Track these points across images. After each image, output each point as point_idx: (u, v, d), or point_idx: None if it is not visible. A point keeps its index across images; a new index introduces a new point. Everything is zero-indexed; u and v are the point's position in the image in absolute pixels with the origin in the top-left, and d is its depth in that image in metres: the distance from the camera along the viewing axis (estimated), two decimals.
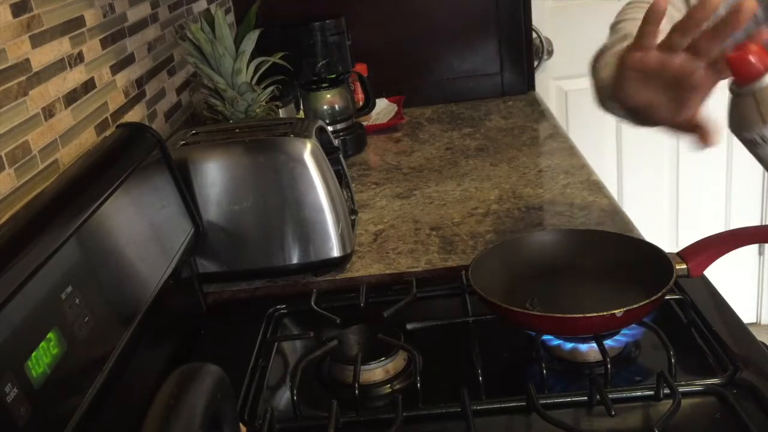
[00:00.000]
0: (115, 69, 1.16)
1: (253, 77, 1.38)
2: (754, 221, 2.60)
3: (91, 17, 1.10)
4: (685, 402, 0.78)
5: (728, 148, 2.50)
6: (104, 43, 1.13)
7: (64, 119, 0.97)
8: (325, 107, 1.69)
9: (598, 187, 1.34)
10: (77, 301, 0.71)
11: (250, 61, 1.37)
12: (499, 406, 0.82)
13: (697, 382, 0.82)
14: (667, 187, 2.56)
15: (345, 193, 1.19)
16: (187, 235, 1.01)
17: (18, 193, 0.84)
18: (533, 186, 1.39)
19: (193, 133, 1.18)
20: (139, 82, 1.27)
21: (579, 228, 1.18)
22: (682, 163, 2.50)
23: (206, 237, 1.09)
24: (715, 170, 2.54)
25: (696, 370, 0.84)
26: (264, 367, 0.94)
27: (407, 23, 2.00)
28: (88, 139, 1.02)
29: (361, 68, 1.87)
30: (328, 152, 1.15)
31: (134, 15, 1.29)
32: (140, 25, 1.31)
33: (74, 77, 1.01)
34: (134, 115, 1.22)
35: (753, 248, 2.60)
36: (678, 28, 0.57)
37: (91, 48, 1.09)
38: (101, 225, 0.81)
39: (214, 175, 1.09)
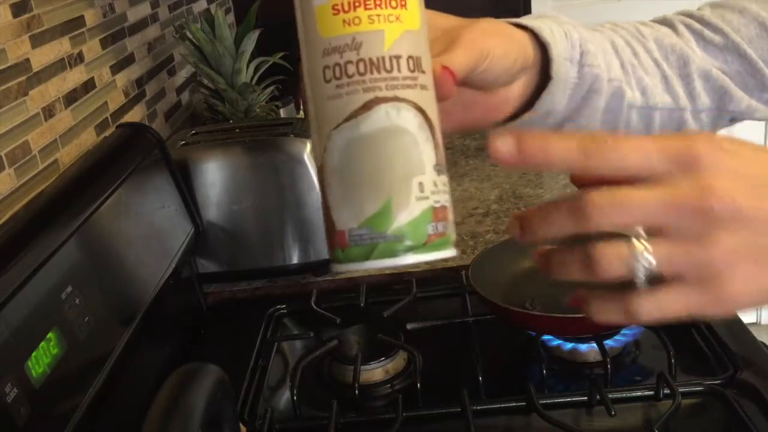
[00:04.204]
0: (115, 69, 1.16)
1: (253, 77, 1.38)
2: None
3: (91, 17, 1.10)
4: (685, 402, 0.78)
5: None
6: (104, 43, 1.13)
7: (64, 119, 0.97)
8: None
9: None
10: (77, 301, 0.71)
11: (250, 61, 1.37)
12: (499, 406, 0.82)
13: (697, 382, 0.82)
14: None
15: None
16: (187, 235, 1.01)
17: (18, 193, 0.84)
18: (533, 186, 1.39)
19: (193, 133, 1.18)
20: (139, 82, 1.27)
21: None
22: None
23: (206, 237, 1.09)
24: None
25: (696, 370, 0.84)
26: (264, 367, 0.94)
27: None
28: (88, 139, 1.02)
29: None
30: None
31: (134, 15, 1.29)
32: (140, 25, 1.31)
33: (74, 77, 1.01)
34: (134, 115, 1.22)
35: None
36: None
37: (91, 48, 1.08)
38: (101, 225, 0.81)
39: (214, 175, 1.09)
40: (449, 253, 0.41)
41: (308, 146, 1.09)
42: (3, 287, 0.62)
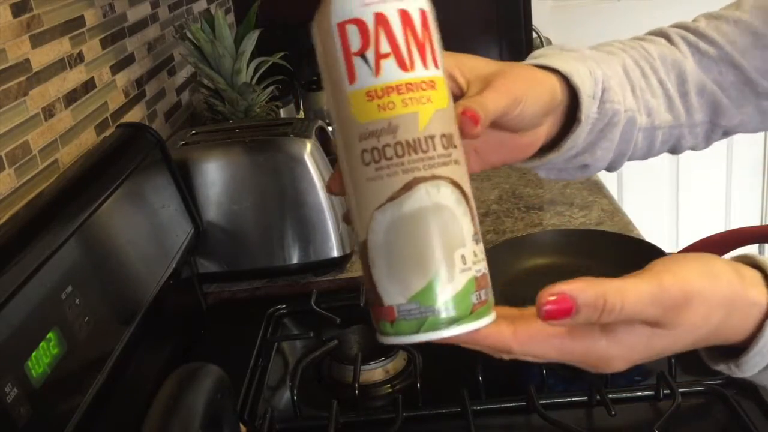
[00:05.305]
0: (115, 69, 1.16)
1: (253, 77, 1.38)
2: (754, 221, 2.61)
3: (91, 17, 1.10)
4: (685, 402, 0.78)
5: (728, 148, 2.51)
6: (104, 43, 1.13)
7: (64, 119, 0.97)
8: (325, 107, 1.69)
9: (598, 187, 1.34)
10: (77, 301, 0.71)
11: (250, 61, 1.37)
12: (499, 406, 0.82)
13: (697, 382, 0.82)
14: (667, 187, 2.56)
15: None
16: (187, 235, 1.01)
17: (18, 193, 0.84)
18: (533, 186, 1.39)
19: (193, 133, 1.18)
20: (139, 82, 1.27)
21: (579, 228, 1.18)
22: (682, 163, 2.50)
23: (206, 237, 1.09)
24: (715, 170, 2.54)
25: (696, 370, 0.84)
26: (264, 367, 0.94)
27: None
28: (88, 139, 1.02)
29: None
30: (328, 152, 1.15)
31: (134, 15, 1.29)
32: (140, 25, 1.31)
33: (74, 77, 1.01)
34: (134, 115, 1.22)
35: (753, 248, 2.60)
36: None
37: (91, 48, 1.08)
38: (101, 225, 0.81)
39: (214, 175, 1.09)
40: (491, 318, 0.43)
41: (308, 146, 1.09)
42: (3, 287, 0.62)
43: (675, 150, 0.70)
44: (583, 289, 0.41)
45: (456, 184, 0.42)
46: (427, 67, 0.42)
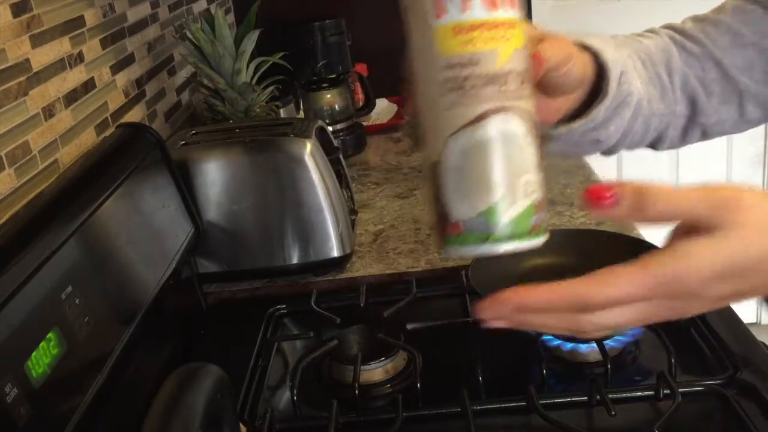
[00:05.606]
0: (115, 69, 1.16)
1: (253, 77, 1.38)
2: None
3: (91, 17, 1.10)
4: (685, 402, 0.78)
5: (728, 148, 2.51)
6: (104, 43, 1.13)
7: (64, 119, 0.97)
8: (325, 107, 1.69)
9: None
10: (77, 301, 0.71)
11: (250, 61, 1.37)
12: (499, 406, 0.82)
13: (697, 382, 0.81)
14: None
15: (345, 193, 1.19)
16: (187, 235, 1.01)
17: (18, 193, 0.84)
18: None
19: (193, 133, 1.18)
20: (139, 82, 1.27)
21: (579, 228, 1.18)
22: (682, 163, 2.50)
23: (206, 237, 1.09)
24: (715, 167, 2.54)
25: (696, 370, 0.84)
26: (264, 367, 0.94)
27: None
28: (88, 139, 1.02)
29: (361, 68, 1.87)
30: (328, 152, 1.15)
31: (134, 15, 1.29)
32: (140, 25, 1.31)
33: (74, 77, 1.01)
34: (134, 115, 1.22)
35: None
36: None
37: (91, 48, 1.08)
38: (101, 225, 0.81)
39: (214, 175, 1.09)
40: (544, 238, 0.48)
41: (308, 146, 1.09)
42: (3, 287, 0.62)
43: (658, 141, 0.74)
44: (626, 184, 0.45)
45: (526, 117, 0.46)
46: (508, 8, 0.45)
